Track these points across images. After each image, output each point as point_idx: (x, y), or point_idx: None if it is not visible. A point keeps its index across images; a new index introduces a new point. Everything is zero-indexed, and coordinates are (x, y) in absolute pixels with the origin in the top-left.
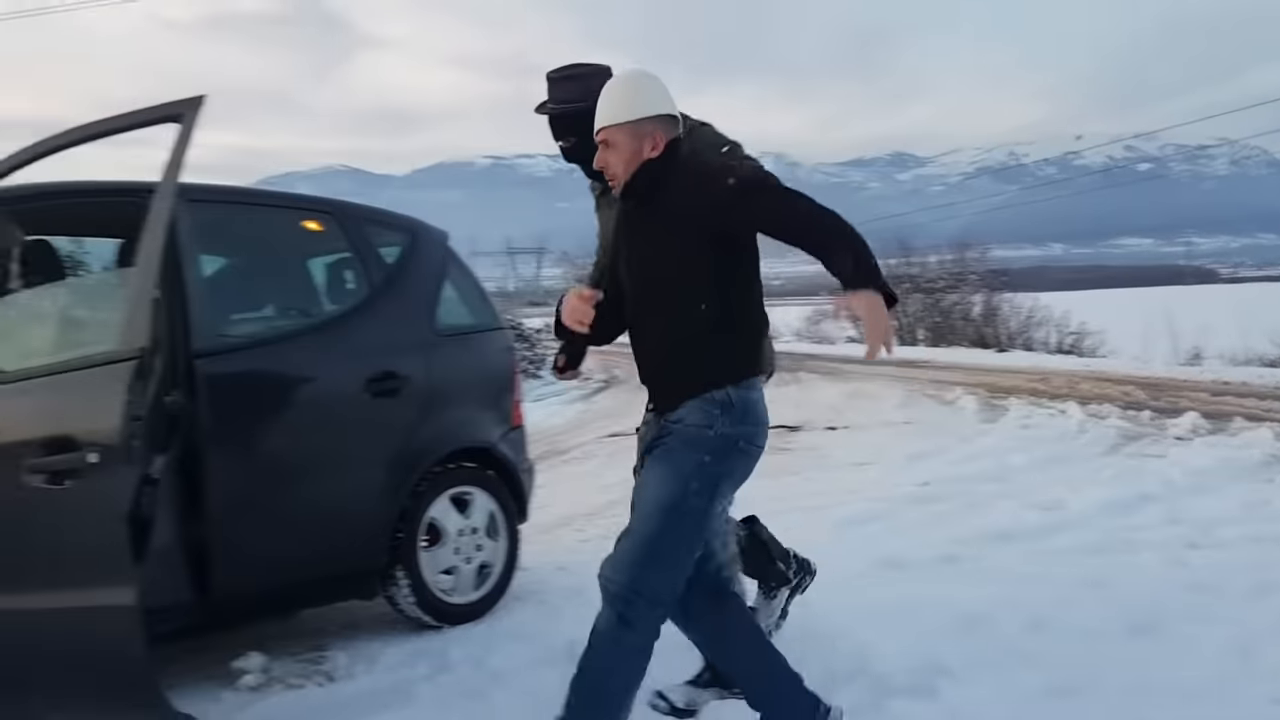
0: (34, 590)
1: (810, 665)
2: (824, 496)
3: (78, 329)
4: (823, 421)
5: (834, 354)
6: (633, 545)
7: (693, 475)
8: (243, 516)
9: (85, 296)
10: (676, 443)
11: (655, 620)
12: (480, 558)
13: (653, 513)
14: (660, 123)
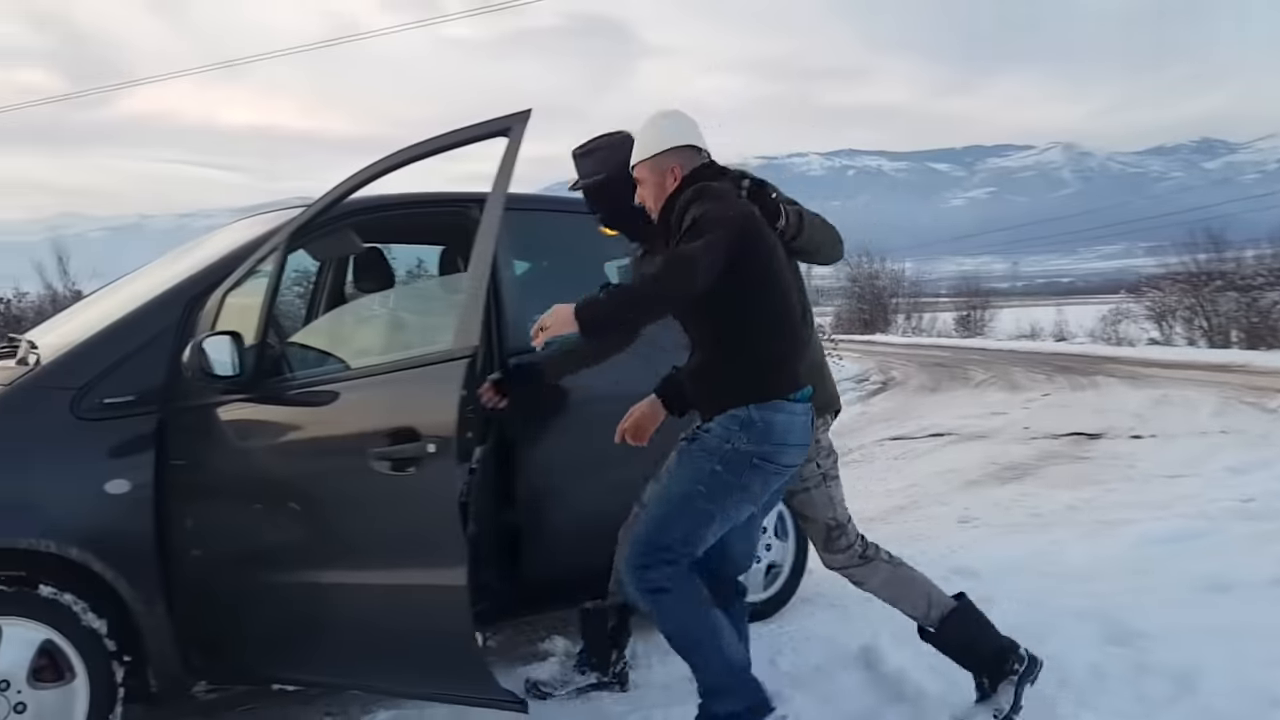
0: (376, 568)
1: (1124, 689)
2: (1130, 510)
3: (409, 330)
4: (1126, 429)
5: (1135, 356)
6: (641, 528)
7: (703, 479)
8: (548, 506)
9: (416, 300)
10: (697, 447)
11: (679, 571)
12: (769, 557)
13: (662, 501)
14: (678, 155)
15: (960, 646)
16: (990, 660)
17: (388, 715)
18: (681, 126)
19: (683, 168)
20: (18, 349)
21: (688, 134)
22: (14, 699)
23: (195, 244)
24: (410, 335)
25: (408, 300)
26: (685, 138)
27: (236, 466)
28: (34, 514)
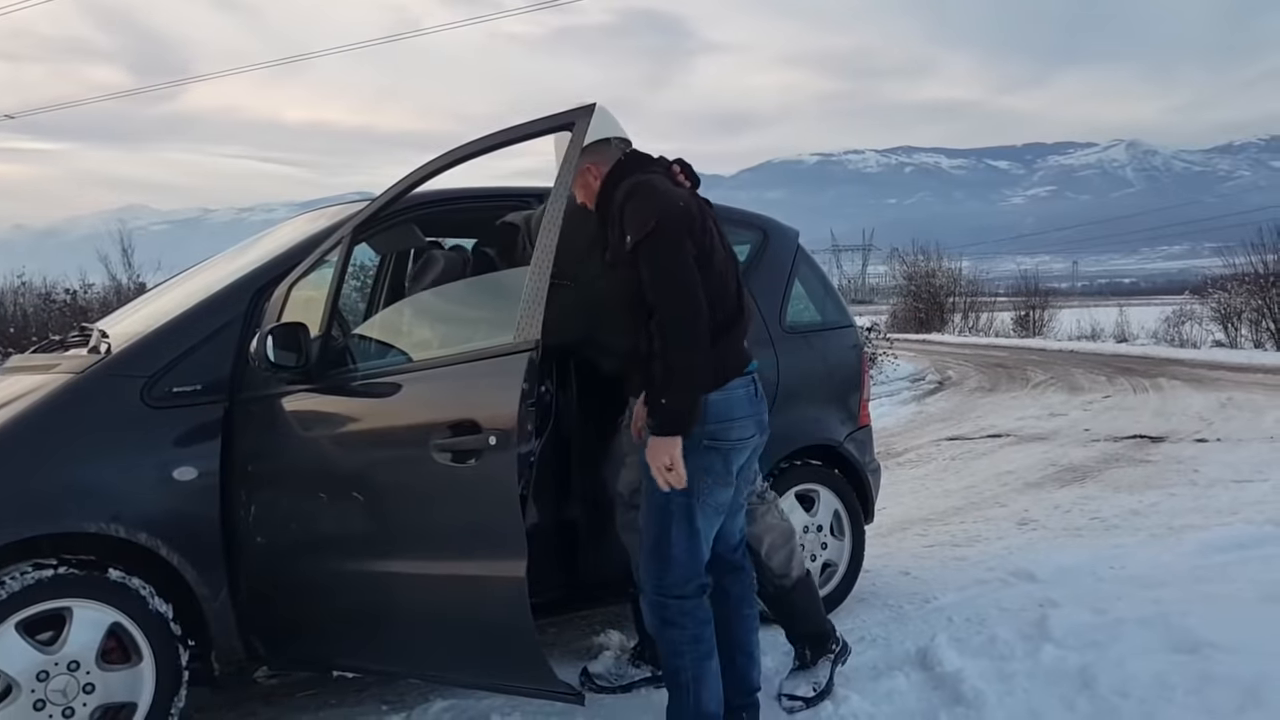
0: (436, 558)
1: (1190, 699)
2: (1195, 515)
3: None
4: (1190, 433)
5: (1199, 359)
6: (645, 556)
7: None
8: (605, 501)
9: (475, 294)
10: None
11: (692, 609)
12: (824, 556)
13: (648, 520)
14: (587, 156)
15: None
16: (815, 635)
17: (444, 704)
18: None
19: (599, 165)
20: (90, 338)
21: (592, 131)
22: (83, 679)
23: (260, 237)
24: (471, 329)
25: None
26: (589, 136)
27: (300, 456)
28: (104, 499)
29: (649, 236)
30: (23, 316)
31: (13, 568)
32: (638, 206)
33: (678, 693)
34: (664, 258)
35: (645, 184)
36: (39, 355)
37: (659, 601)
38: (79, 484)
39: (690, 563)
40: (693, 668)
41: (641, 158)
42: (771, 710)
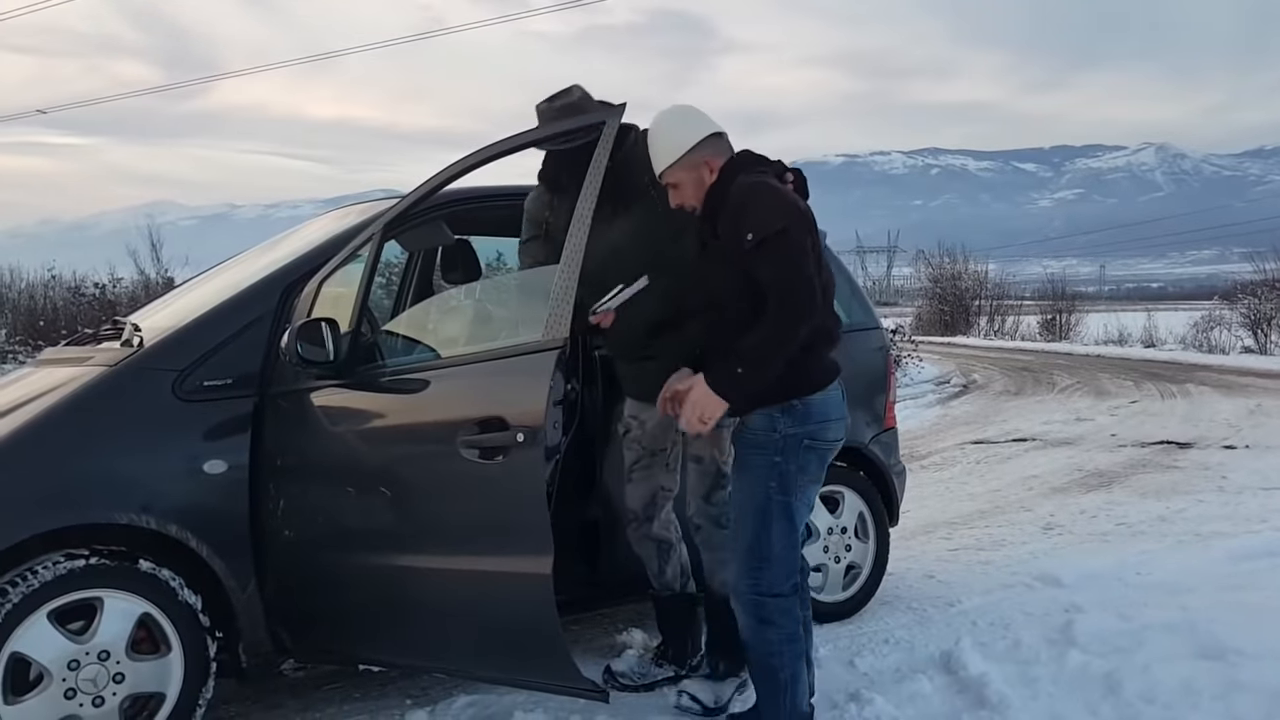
0: (463, 554)
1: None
2: (1223, 522)
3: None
4: (1218, 439)
5: (1228, 365)
6: (741, 556)
7: (771, 476)
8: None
9: (503, 293)
10: (747, 449)
11: (789, 607)
12: (848, 558)
13: (743, 521)
14: (708, 147)
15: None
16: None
17: (467, 699)
18: (699, 119)
19: (716, 159)
20: (123, 331)
21: (708, 124)
22: (113, 669)
23: (289, 234)
24: (498, 326)
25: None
26: (708, 128)
27: (328, 450)
28: (135, 491)
29: (778, 235)
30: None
31: (45, 557)
32: (767, 205)
33: (775, 692)
34: (792, 257)
35: (768, 185)
36: (72, 348)
37: (757, 601)
38: (111, 475)
39: (789, 561)
40: (791, 666)
41: (755, 156)
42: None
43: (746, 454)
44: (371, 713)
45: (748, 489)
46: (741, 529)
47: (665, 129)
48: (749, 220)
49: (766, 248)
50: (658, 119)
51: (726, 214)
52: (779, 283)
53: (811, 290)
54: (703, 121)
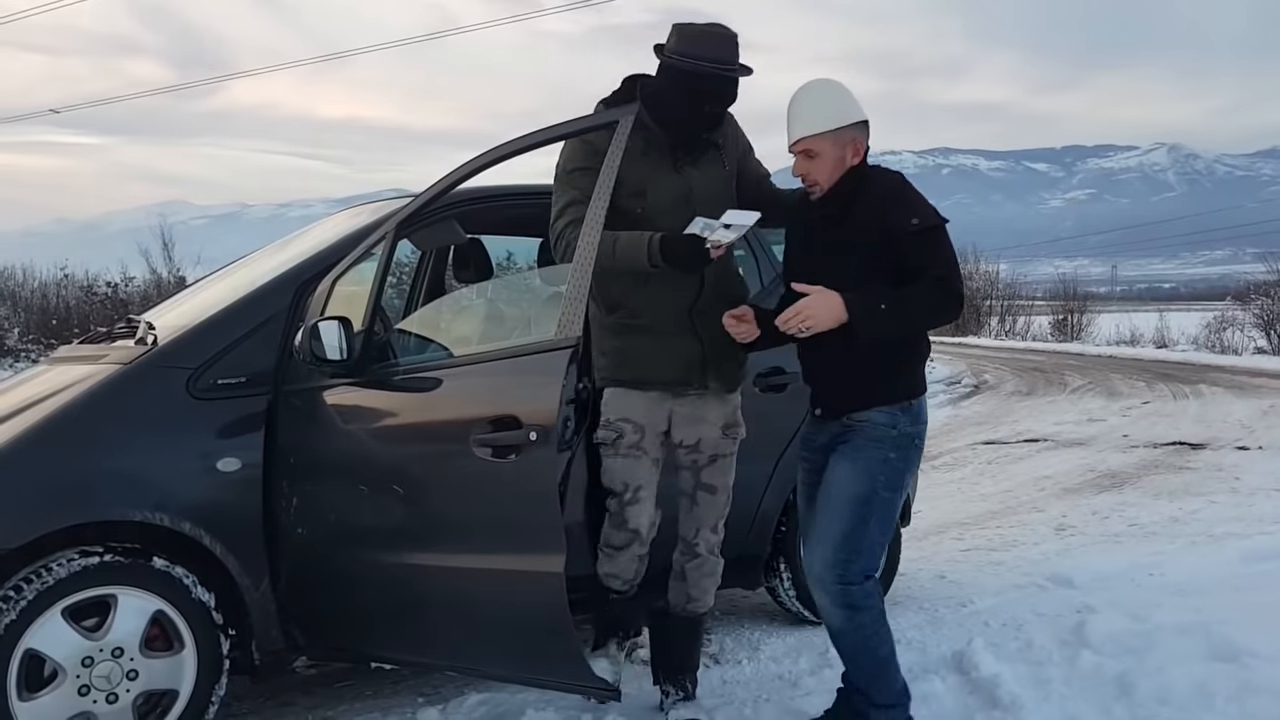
0: (475, 552)
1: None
2: (1235, 524)
3: (511, 320)
4: (1231, 440)
5: (1241, 365)
6: (834, 544)
7: (881, 471)
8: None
9: (515, 292)
10: (862, 440)
11: (874, 588)
12: None
13: (844, 508)
14: (860, 129)
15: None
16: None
17: (479, 698)
18: (855, 99)
19: (862, 144)
20: (137, 329)
21: (861, 108)
22: (126, 666)
23: (303, 233)
24: (511, 325)
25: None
26: (863, 112)
27: (341, 449)
28: (149, 488)
29: (941, 228)
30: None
31: (59, 554)
32: (923, 198)
33: (880, 670)
34: (952, 251)
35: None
36: (86, 346)
37: (843, 590)
38: (125, 473)
39: (877, 555)
40: (888, 642)
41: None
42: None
43: (860, 445)
44: (384, 710)
45: (852, 480)
46: (834, 518)
47: (825, 96)
48: (915, 207)
49: (932, 236)
50: (816, 84)
51: (876, 199)
52: (943, 269)
53: (961, 289)
54: (858, 103)
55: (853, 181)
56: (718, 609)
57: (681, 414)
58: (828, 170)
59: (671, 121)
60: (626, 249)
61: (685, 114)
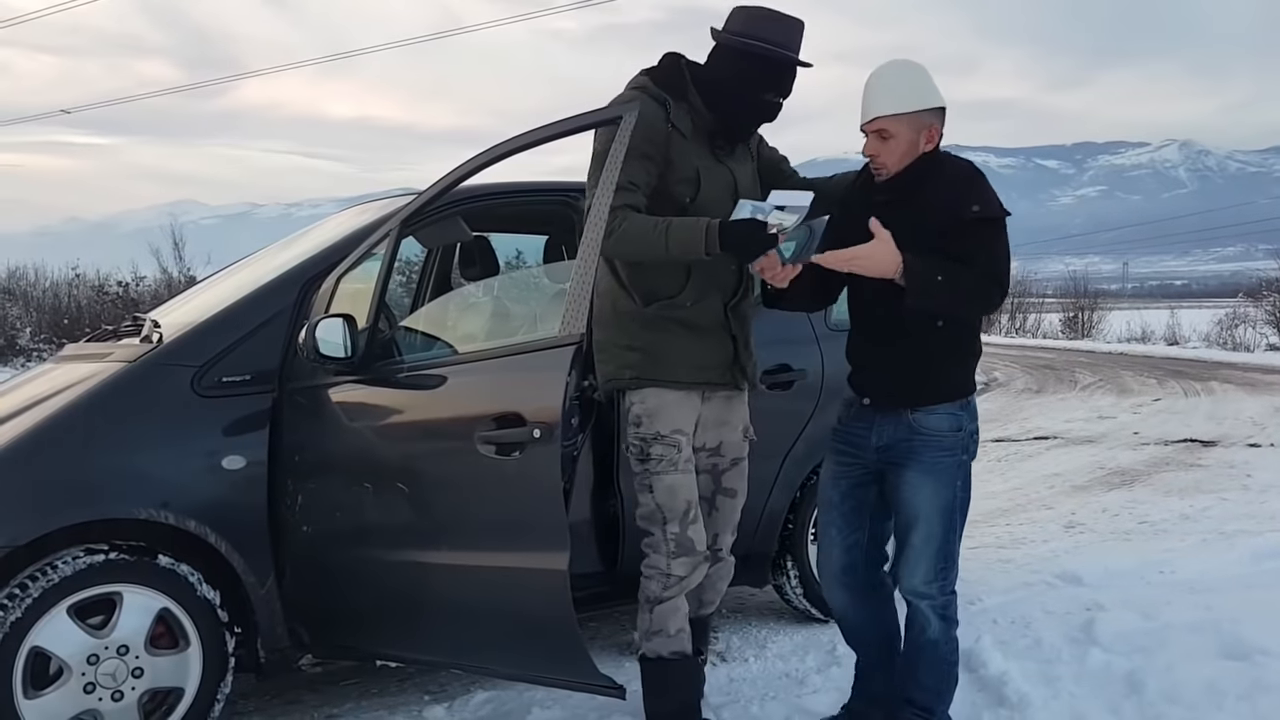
0: (480, 550)
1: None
2: (1247, 521)
3: (515, 318)
4: (1242, 437)
5: (1252, 362)
6: (931, 558)
7: (958, 474)
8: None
9: (520, 289)
10: (935, 453)
11: (957, 602)
12: None
13: (935, 521)
14: (938, 116)
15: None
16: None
17: (485, 696)
18: (936, 86)
19: (938, 130)
20: (142, 327)
21: (941, 95)
22: (131, 664)
23: (308, 230)
24: (515, 323)
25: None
26: (943, 99)
27: (346, 446)
28: (154, 486)
29: (1000, 221)
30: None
31: (65, 552)
32: (992, 190)
33: (951, 686)
34: (1007, 245)
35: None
36: (93, 344)
37: (947, 601)
38: (130, 471)
39: (958, 556)
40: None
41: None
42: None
43: (932, 457)
44: (389, 709)
45: (936, 493)
46: (927, 533)
47: (906, 76)
48: (980, 195)
49: (991, 227)
50: (897, 63)
51: (945, 184)
52: (995, 261)
53: (1007, 287)
54: (938, 89)
55: (922, 168)
56: (725, 607)
57: (708, 416)
58: (900, 153)
59: (728, 108)
60: (679, 236)
61: (745, 101)
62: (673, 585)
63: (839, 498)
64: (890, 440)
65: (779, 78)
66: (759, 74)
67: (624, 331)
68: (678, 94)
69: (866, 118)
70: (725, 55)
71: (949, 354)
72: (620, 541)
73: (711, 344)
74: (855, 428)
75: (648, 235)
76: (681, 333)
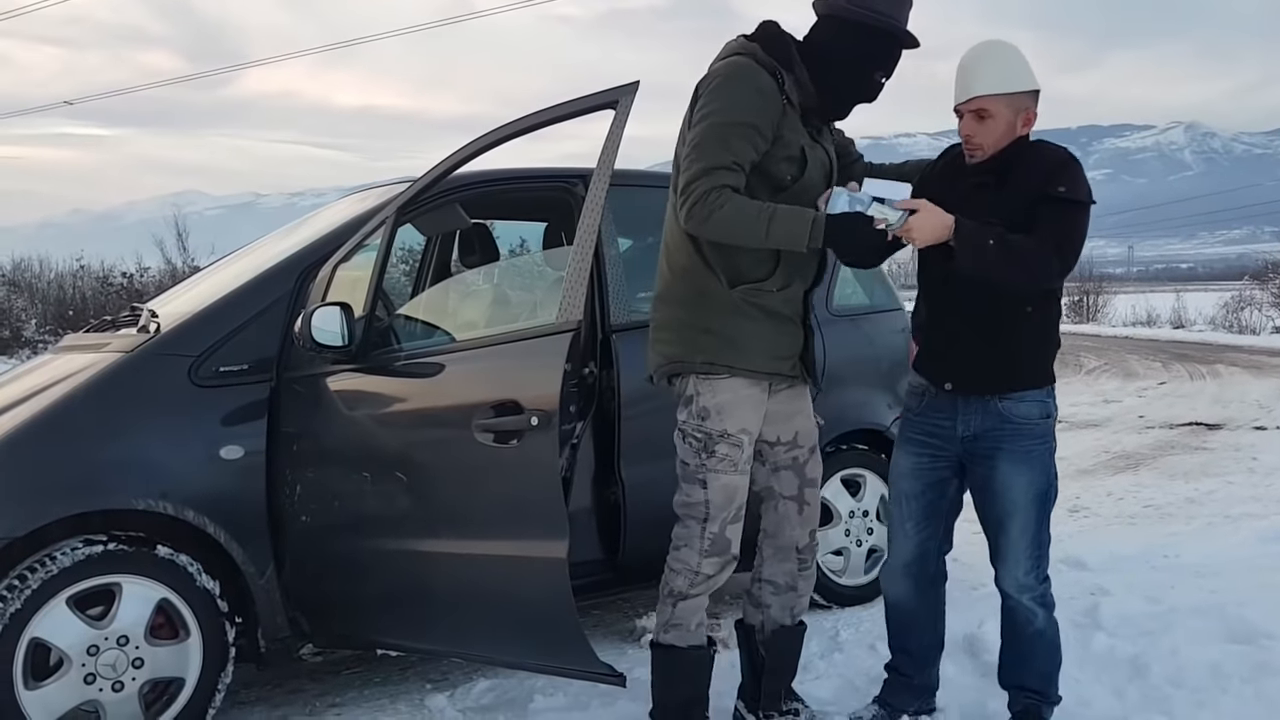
0: (479, 538)
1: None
2: (1253, 504)
3: (513, 305)
4: (1248, 420)
5: (1259, 345)
6: (1027, 548)
7: (1048, 462)
8: (649, 483)
9: (519, 276)
10: (1028, 442)
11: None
12: (870, 541)
13: (1031, 511)
14: (1033, 99)
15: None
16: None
17: (487, 684)
18: (1031, 69)
19: (1034, 113)
20: (140, 317)
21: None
22: (132, 654)
23: (306, 219)
24: (514, 310)
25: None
26: (1038, 82)
27: (344, 435)
28: (153, 476)
29: (1084, 205)
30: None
31: (64, 543)
32: (1085, 178)
33: (1057, 670)
34: (1083, 229)
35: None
36: (91, 335)
37: (1045, 590)
38: (128, 461)
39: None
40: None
41: None
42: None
43: (1026, 445)
44: (391, 697)
45: (1031, 482)
46: (1024, 522)
47: (1006, 57)
48: (1069, 177)
49: (1072, 208)
50: (995, 43)
51: (1036, 167)
52: (1063, 234)
53: (1071, 264)
54: (1033, 72)
55: (1016, 151)
56: (726, 593)
57: (775, 410)
58: (997, 134)
59: (837, 82)
60: (783, 226)
61: (855, 76)
62: (700, 583)
63: (918, 491)
64: (979, 430)
65: (889, 53)
66: (872, 47)
67: (701, 312)
68: (786, 65)
69: (963, 97)
70: (836, 26)
71: (1038, 341)
72: (621, 528)
73: (789, 333)
74: (935, 418)
75: (750, 222)
76: (762, 319)
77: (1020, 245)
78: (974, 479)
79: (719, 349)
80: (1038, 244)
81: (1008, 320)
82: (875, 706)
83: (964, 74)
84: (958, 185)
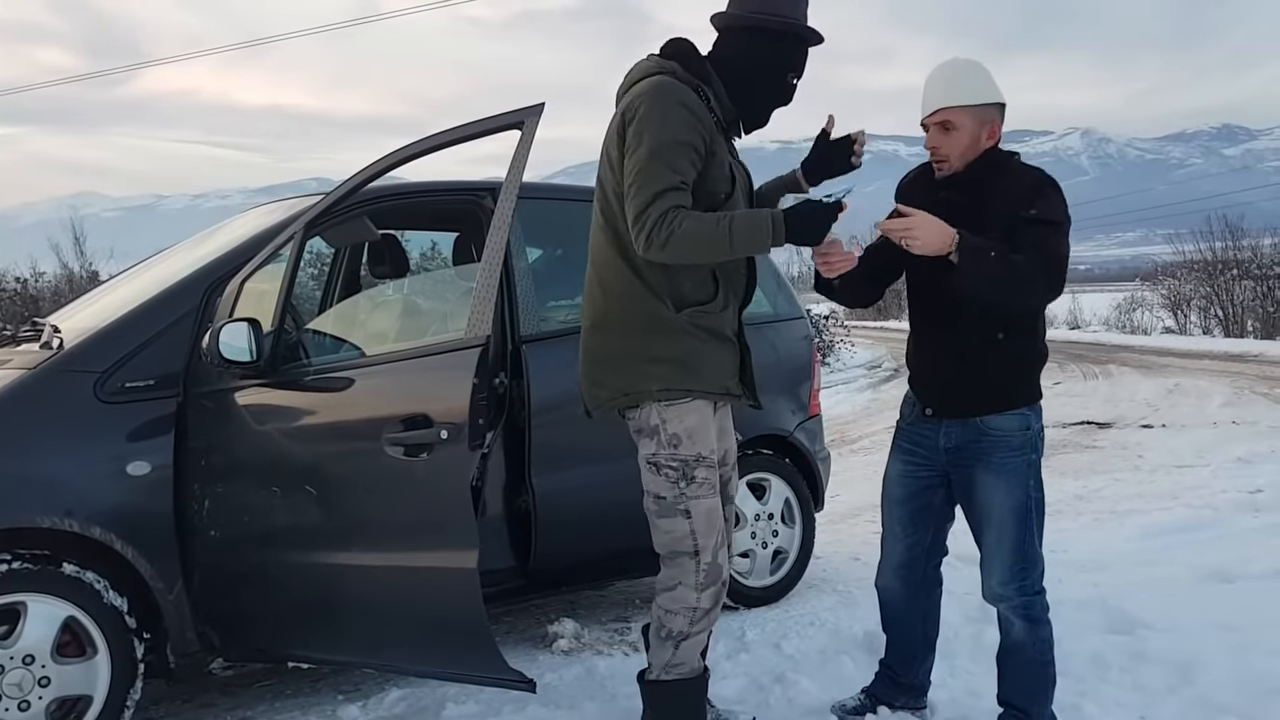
0: (390, 550)
1: (1123, 678)
2: (1138, 500)
3: (423, 317)
4: (1137, 418)
5: (1149, 345)
6: (1008, 559)
7: (1031, 474)
8: (560, 491)
9: (429, 288)
10: (1004, 453)
11: (1047, 603)
12: (775, 543)
13: (1008, 522)
14: (999, 112)
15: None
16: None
17: (399, 693)
18: (996, 83)
19: (999, 127)
20: (42, 333)
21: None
22: (38, 673)
23: (214, 230)
24: (424, 322)
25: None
26: (1003, 96)
27: (253, 450)
28: (58, 494)
29: (1057, 223)
30: None
31: None
32: (1060, 196)
33: (1047, 688)
34: (1065, 247)
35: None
36: None
37: (1027, 602)
38: (32, 479)
39: (1041, 555)
40: (1053, 660)
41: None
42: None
43: (1001, 458)
44: (303, 709)
45: (1008, 493)
46: (1002, 534)
47: (969, 71)
48: (1042, 200)
49: (1046, 229)
50: (959, 60)
51: (1009, 185)
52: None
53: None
54: (998, 87)
55: (984, 165)
56: (638, 598)
57: (718, 428)
58: (962, 146)
59: (751, 93)
60: (744, 230)
61: (767, 84)
62: (700, 619)
63: (904, 497)
64: (959, 442)
65: (798, 54)
66: (781, 50)
67: (649, 339)
68: (705, 80)
69: (929, 110)
70: (744, 37)
71: (1012, 365)
72: (532, 536)
73: (730, 352)
74: (921, 428)
75: (710, 233)
76: (710, 340)
77: (1017, 262)
78: (957, 489)
79: (679, 375)
80: (1028, 261)
81: (981, 348)
82: (860, 695)
83: (930, 88)
84: (932, 198)
